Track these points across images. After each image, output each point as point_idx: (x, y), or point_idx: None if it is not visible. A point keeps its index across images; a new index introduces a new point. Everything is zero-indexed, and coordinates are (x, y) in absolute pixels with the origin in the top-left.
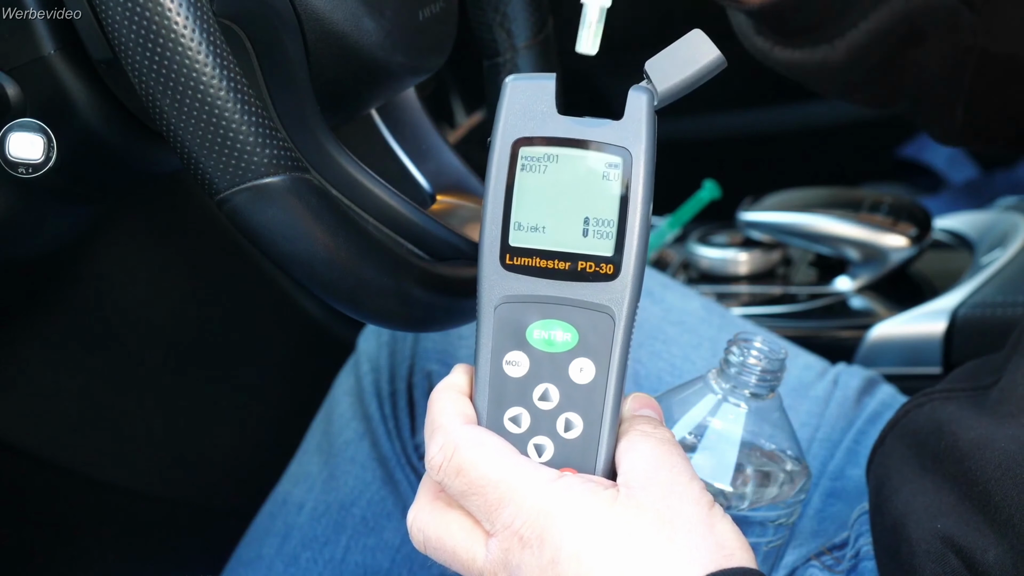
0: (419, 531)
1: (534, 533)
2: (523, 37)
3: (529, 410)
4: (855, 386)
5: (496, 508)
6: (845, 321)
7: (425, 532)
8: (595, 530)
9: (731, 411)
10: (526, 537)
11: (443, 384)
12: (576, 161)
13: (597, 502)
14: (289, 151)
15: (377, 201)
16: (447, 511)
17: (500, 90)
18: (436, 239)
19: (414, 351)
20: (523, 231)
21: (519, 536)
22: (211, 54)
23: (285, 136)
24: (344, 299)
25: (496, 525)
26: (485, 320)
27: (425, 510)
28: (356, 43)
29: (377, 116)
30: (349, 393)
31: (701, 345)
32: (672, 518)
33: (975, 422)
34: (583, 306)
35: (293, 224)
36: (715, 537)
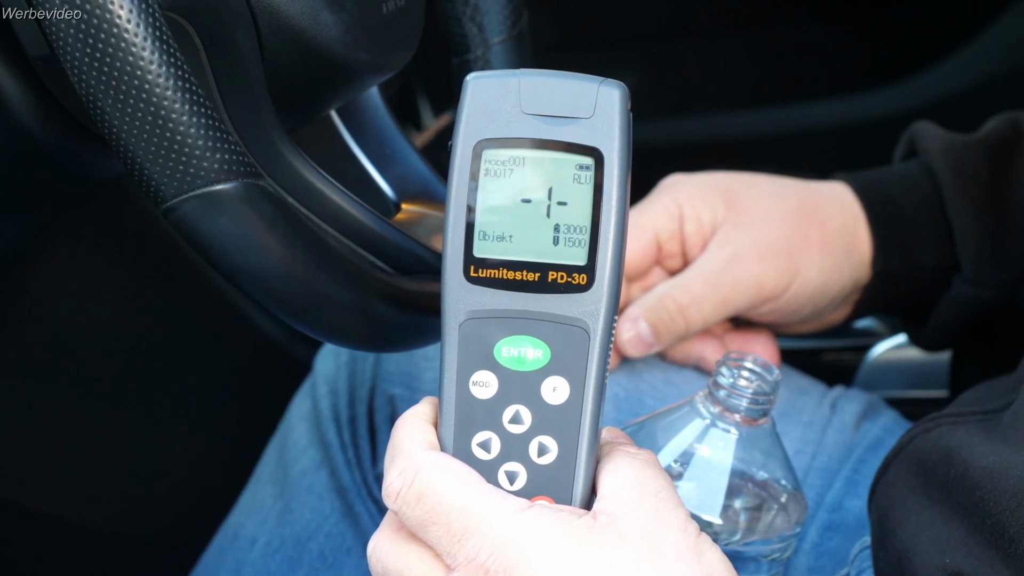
0: (378, 562)
1: (501, 566)
2: (495, 32)
3: (499, 434)
4: (854, 411)
5: (459, 539)
6: (844, 341)
7: (384, 564)
8: (570, 561)
9: (720, 437)
10: (492, 570)
11: (409, 412)
12: (544, 163)
13: (572, 531)
14: (241, 156)
15: (337, 210)
16: (408, 542)
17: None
18: (400, 251)
19: (376, 373)
20: (488, 241)
21: (484, 569)
22: (157, 50)
23: (237, 139)
24: (300, 316)
25: (459, 558)
26: (449, 338)
27: (386, 541)
28: (314, 38)
29: (337, 118)
30: (305, 418)
31: (687, 366)
32: (657, 546)
33: (987, 448)
34: (555, 320)
35: (245, 234)
36: (703, 568)
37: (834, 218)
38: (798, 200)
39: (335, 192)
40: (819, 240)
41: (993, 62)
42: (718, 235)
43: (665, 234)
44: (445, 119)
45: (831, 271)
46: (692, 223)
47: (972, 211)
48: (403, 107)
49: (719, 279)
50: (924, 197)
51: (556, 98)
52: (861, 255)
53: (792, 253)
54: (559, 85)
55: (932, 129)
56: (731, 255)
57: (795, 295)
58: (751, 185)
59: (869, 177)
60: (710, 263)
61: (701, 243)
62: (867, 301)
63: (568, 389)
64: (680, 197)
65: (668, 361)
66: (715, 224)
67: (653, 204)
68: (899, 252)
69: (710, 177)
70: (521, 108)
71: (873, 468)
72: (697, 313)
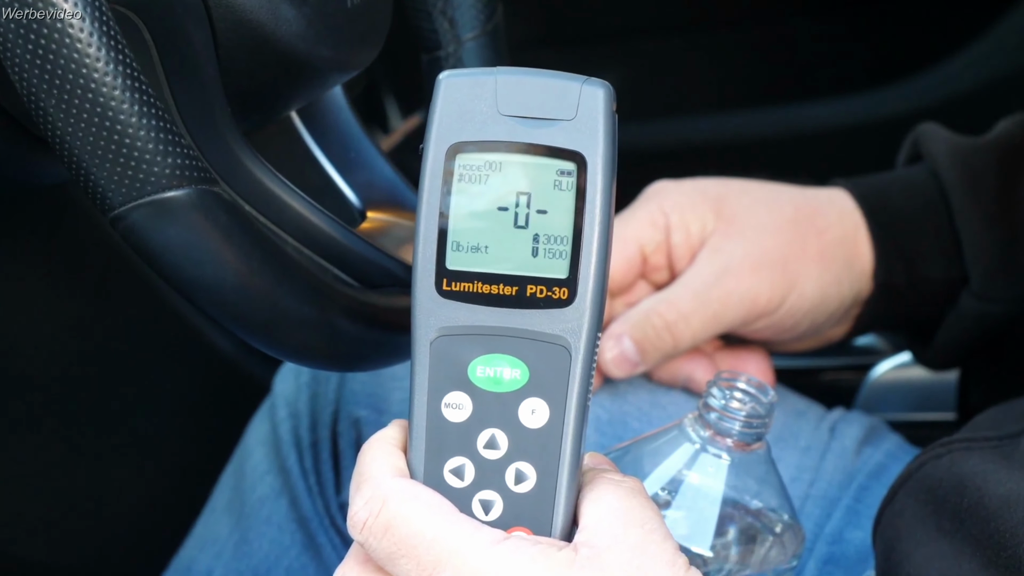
0: None
1: None
2: (469, 27)
3: (473, 460)
4: (855, 435)
5: (430, 573)
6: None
7: None
8: None
9: (711, 463)
10: None
11: (376, 436)
12: (522, 169)
13: (551, 565)
14: (195, 160)
15: (297, 218)
16: None
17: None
18: (366, 262)
19: (339, 394)
20: (462, 252)
21: None
22: (103, 46)
23: (190, 143)
24: (258, 332)
25: None
26: (420, 356)
27: (352, 573)
28: (273, 34)
29: (298, 119)
30: (263, 442)
31: (675, 386)
32: None
33: (1003, 476)
34: (534, 337)
35: (199, 245)
36: None
37: (833, 227)
38: (794, 208)
39: (296, 199)
40: (817, 251)
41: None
42: (708, 246)
43: (651, 245)
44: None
45: (830, 284)
46: (680, 233)
47: (982, 219)
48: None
49: (709, 293)
50: (930, 204)
51: (535, 98)
52: (862, 267)
53: (787, 265)
54: (538, 84)
55: (938, 131)
56: (722, 267)
57: (791, 310)
58: (743, 192)
59: (871, 183)
60: (699, 276)
61: (689, 255)
62: (868, 316)
63: (547, 412)
64: (667, 205)
65: (655, 382)
66: (704, 234)
67: (638, 213)
68: (903, 264)
69: (699, 184)
70: (497, 109)
71: (875, 496)
72: (686, 330)
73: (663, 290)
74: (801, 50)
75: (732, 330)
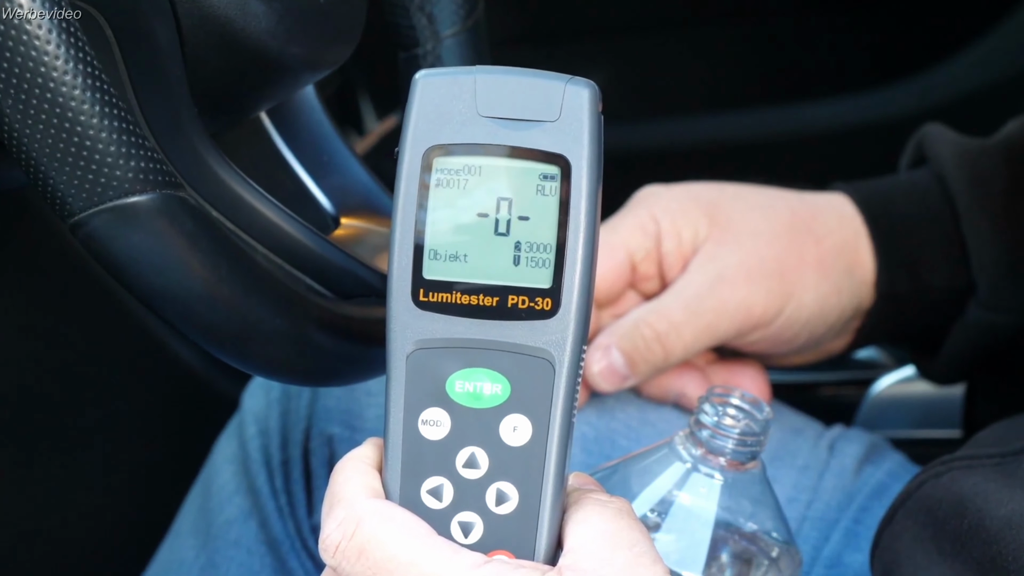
0: None
1: None
2: (448, 23)
3: (452, 480)
4: (855, 453)
5: None
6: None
7: None
8: None
9: (703, 483)
10: None
11: (350, 455)
12: (503, 173)
13: None
14: (159, 164)
15: (268, 225)
16: None
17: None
18: (340, 271)
19: (311, 410)
20: (440, 260)
21: None
22: (63, 44)
23: (155, 145)
24: (226, 345)
25: None
26: (396, 370)
27: None
28: (242, 30)
29: (268, 121)
30: (232, 461)
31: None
32: None
33: (1006, 496)
34: (516, 351)
35: (164, 252)
36: None
37: (832, 234)
38: (791, 214)
39: (265, 205)
40: (815, 259)
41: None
42: (700, 254)
43: (640, 253)
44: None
45: (829, 294)
46: (671, 240)
47: (990, 225)
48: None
49: (702, 303)
50: (935, 210)
51: (517, 99)
52: (863, 276)
53: (784, 273)
54: (520, 84)
55: (944, 133)
56: (715, 276)
57: (788, 321)
58: (738, 197)
59: (872, 187)
60: (691, 285)
61: (681, 263)
62: (870, 328)
63: (530, 429)
64: (657, 211)
65: (644, 397)
66: (697, 241)
67: (626, 219)
68: (906, 272)
69: (691, 188)
70: (477, 110)
71: (876, 518)
72: (677, 341)
73: (653, 300)
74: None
75: (726, 342)
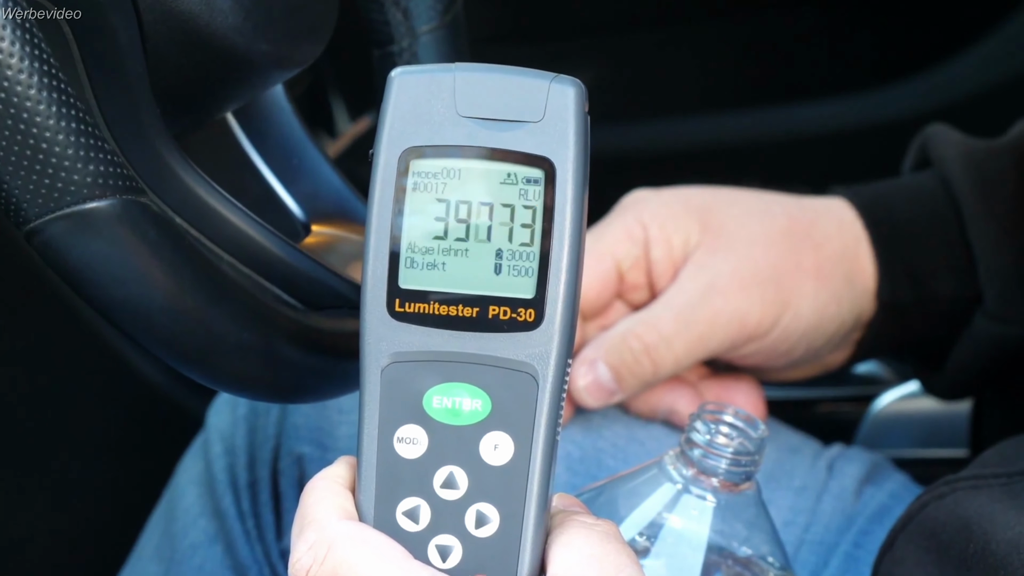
0: None
1: None
2: (424, 18)
3: (429, 501)
4: (856, 473)
5: None
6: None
7: None
8: None
9: (695, 505)
10: None
11: (321, 474)
12: (484, 176)
13: None
14: (119, 167)
15: (234, 232)
16: None
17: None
18: (311, 282)
19: (280, 428)
20: (416, 269)
21: None
22: (17, 40)
23: (115, 148)
24: (190, 359)
25: None
26: (370, 385)
27: None
28: (207, 26)
29: (235, 122)
30: (196, 482)
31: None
32: None
33: (1013, 518)
34: (497, 364)
35: (124, 261)
36: None
37: (831, 240)
38: (788, 219)
39: (232, 211)
40: (813, 267)
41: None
42: (691, 262)
43: (628, 261)
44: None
45: (828, 304)
46: (660, 248)
47: (997, 231)
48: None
49: (693, 314)
50: (939, 214)
51: (498, 98)
52: (864, 285)
53: (781, 282)
54: (502, 83)
55: (949, 134)
56: (707, 285)
57: (784, 332)
58: (731, 202)
59: (873, 191)
60: (682, 295)
61: (671, 271)
62: (871, 340)
63: (512, 447)
64: (646, 217)
65: (632, 414)
66: (688, 248)
67: (613, 226)
68: (909, 281)
69: (682, 193)
70: (456, 110)
71: (877, 542)
72: (667, 354)
73: (642, 311)
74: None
75: (719, 355)
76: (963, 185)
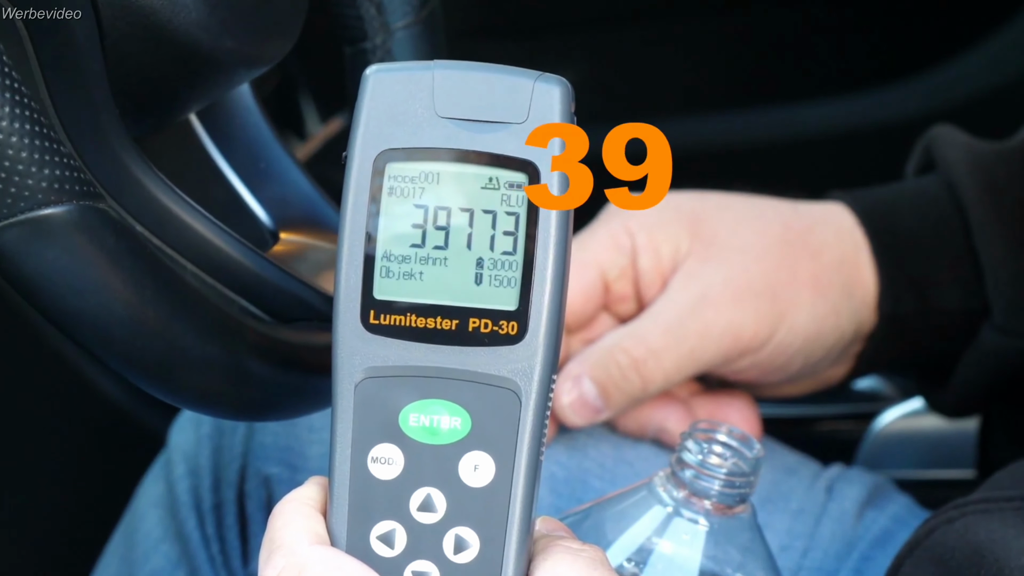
0: None
1: None
2: (400, 13)
3: (405, 525)
4: (856, 496)
5: None
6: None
7: None
8: None
9: (686, 529)
10: None
11: (290, 496)
12: (464, 181)
13: None
14: (76, 172)
15: (198, 240)
16: None
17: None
18: (279, 292)
19: (247, 448)
20: (392, 279)
21: None
22: None
23: (72, 151)
24: (151, 374)
25: None
26: (343, 402)
27: None
28: (169, 22)
29: (199, 124)
30: (158, 505)
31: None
32: None
33: None
34: (477, 380)
35: (82, 271)
36: None
37: (830, 248)
38: (784, 226)
39: (196, 218)
40: (810, 276)
41: None
42: (681, 271)
43: (614, 271)
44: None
45: (826, 316)
46: (648, 257)
47: (1006, 239)
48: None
49: (684, 327)
50: (945, 221)
51: (479, 98)
52: (864, 295)
53: (776, 293)
54: (483, 81)
55: (955, 136)
56: (698, 296)
57: (780, 346)
58: (723, 208)
59: (874, 196)
60: (672, 307)
61: (660, 282)
62: (872, 354)
63: (493, 468)
64: (632, 224)
65: (619, 433)
66: (677, 257)
67: (598, 233)
68: (912, 292)
69: (671, 198)
70: (435, 110)
71: (880, 568)
72: (656, 369)
73: (629, 323)
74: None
75: (711, 370)
76: (970, 190)
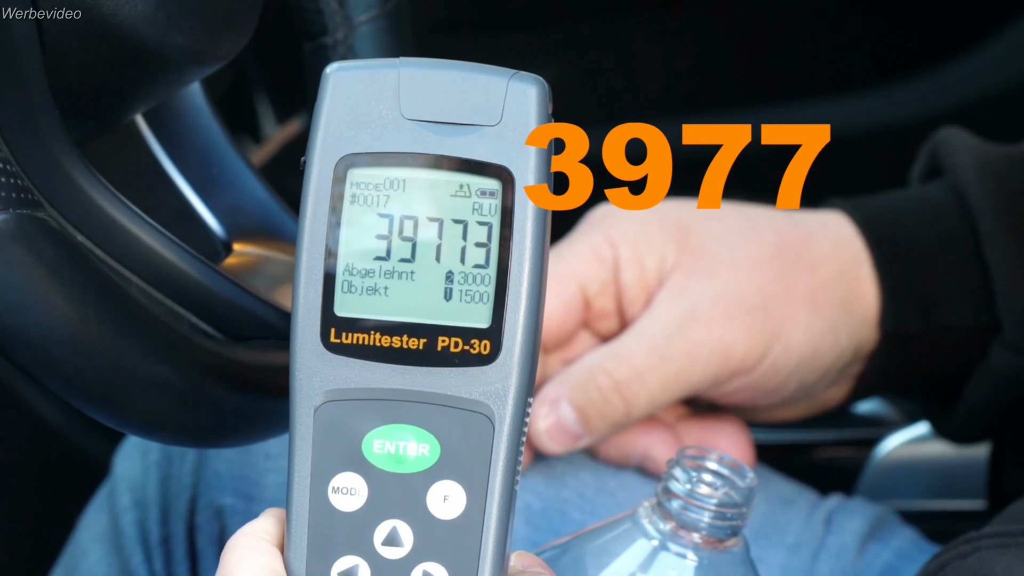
0: None
1: None
2: (362, 7)
3: (369, 560)
4: (857, 528)
5: None
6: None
7: None
8: None
9: (673, 564)
10: None
11: (244, 530)
12: (433, 188)
13: None
14: (13, 178)
15: (145, 252)
16: None
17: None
18: (232, 309)
19: (198, 477)
20: (355, 294)
21: None
22: None
23: (8, 155)
24: (94, 397)
25: None
26: (302, 427)
27: None
28: (113, 16)
29: (146, 126)
30: (102, 539)
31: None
32: None
33: None
34: (447, 403)
35: (18, 285)
36: None
37: (827, 261)
38: (778, 237)
39: (142, 228)
40: (806, 291)
41: None
42: (667, 286)
43: (594, 286)
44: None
45: (823, 333)
46: (631, 270)
47: (1019, 251)
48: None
49: (670, 346)
50: (952, 231)
51: (449, 98)
52: (864, 311)
53: (769, 309)
54: (453, 80)
55: (964, 139)
56: (686, 313)
57: (774, 366)
58: (713, 217)
59: (876, 204)
60: (657, 324)
61: (644, 297)
62: (873, 375)
63: (464, 498)
64: (615, 235)
65: (601, 460)
66: (663, 271)
67: (578, 245)
68: (917, 307)
69: (656, 206)
70: (401, 112)
71: None
72: (640, 392)
73: (611, 342)
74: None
75: (700, 392)
76: (980, 198)
